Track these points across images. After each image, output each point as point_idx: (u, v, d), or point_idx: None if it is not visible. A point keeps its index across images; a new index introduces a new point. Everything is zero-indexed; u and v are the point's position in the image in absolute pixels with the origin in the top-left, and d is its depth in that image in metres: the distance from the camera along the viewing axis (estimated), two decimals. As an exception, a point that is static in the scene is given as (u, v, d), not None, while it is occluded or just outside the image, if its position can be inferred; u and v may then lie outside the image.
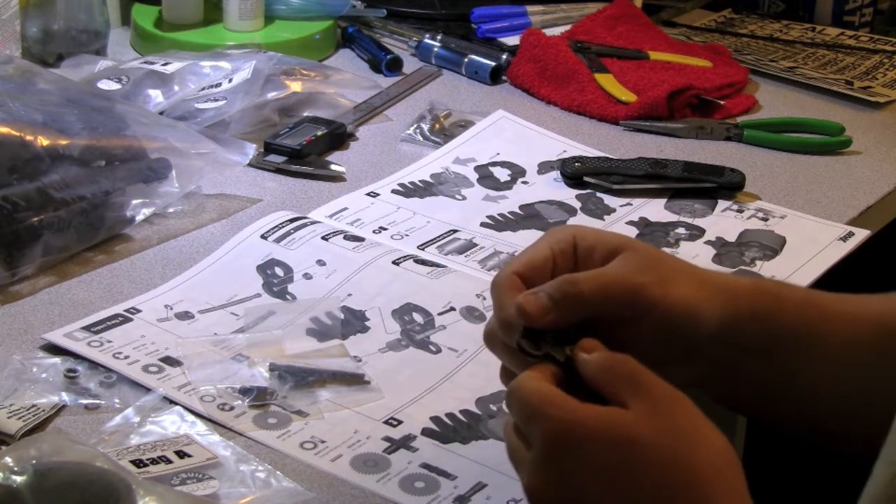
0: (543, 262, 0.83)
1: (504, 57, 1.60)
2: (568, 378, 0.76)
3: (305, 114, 1.43)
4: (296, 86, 1.45)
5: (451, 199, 1.30)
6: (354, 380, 1.01)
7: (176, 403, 0.97)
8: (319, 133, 1.38)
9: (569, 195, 1.32)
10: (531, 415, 0.74)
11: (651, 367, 0.75)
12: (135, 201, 1.20)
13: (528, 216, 1.28)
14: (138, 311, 1.08)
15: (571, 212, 1.29)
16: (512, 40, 1.64)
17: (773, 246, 1.23)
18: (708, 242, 1.24)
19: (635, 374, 0.74)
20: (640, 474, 0.71)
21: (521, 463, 0.75)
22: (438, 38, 1.64)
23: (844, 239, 1.25)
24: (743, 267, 1.19)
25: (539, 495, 0.73)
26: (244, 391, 0.98)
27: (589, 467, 0.71)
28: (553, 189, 1.33)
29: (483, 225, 1.25)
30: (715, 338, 0.82)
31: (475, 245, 1.21)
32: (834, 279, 1.21)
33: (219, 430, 0.95)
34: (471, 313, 1.08)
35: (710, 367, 0.83)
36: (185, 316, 1.08)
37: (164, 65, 1.43)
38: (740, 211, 1.29)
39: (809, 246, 1.23)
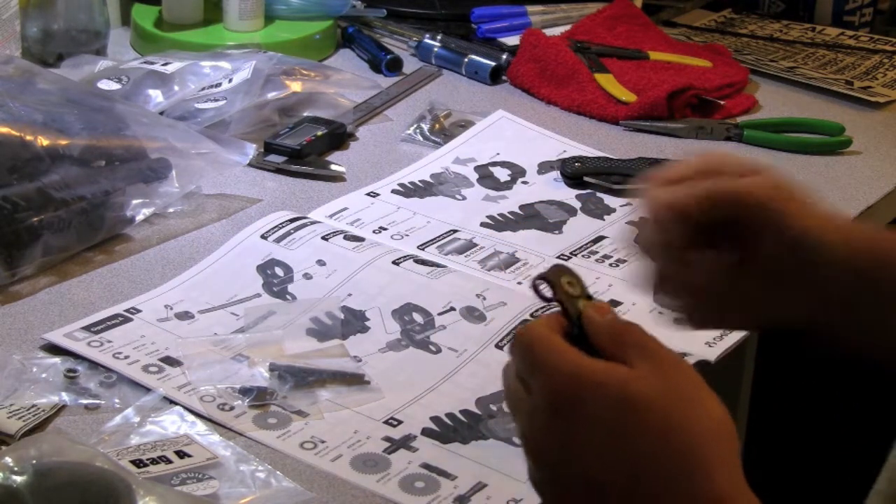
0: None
1: (504, 57, 1.60)
2: (575, 334, 0.76)
3: (305, 114, 1.43)
4: (296, 86, 1.45)
5: (451, 199, 1.30)
6: (354, 380, 1.01)
7: (176, 403, 0.97)
8: (319, 133, 1.38)
9: (569, 195, 1.32)
10: (536, 362, 0.73)
11: (763, 290, 0.84)
12: (135, 201, 1.20)
13: (528, 216, 1.28)
14: (138, 311, 1.08)
15: (571, 212, 1.29)
16: (512, 40, 1.64)
17: (773, 246, 1.23)
18: (708, 242, 1.24)
19: (642, 338, 0.74)
20: (636, 433, 0.71)
21: (520, 408, 0.75)
22: (438, 38, 1.64)
23: (844, 239, 1.25)
24: (743, 267, 1.19)
25: (535, 443, 0.74)
26: (244, 391, 0.98)
27: (588, 420, 0.71)
28: (553, 189, 1.33)
29: (483, 225, 1.25)
30: (837, 267, 0.86)
31: (475, 245, 1.21)
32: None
33: (219, 430, 0.95)
34: (471, 313, 1.08)
35: (823, 299, 0.87)
36: (185, 316, 1.08)
37: (164, 65, 1.43)
38: (740, 211, 1.29)
39: (809, 246, 1.23)
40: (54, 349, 1.02)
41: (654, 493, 0.70)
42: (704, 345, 1.07)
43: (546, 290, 0.77)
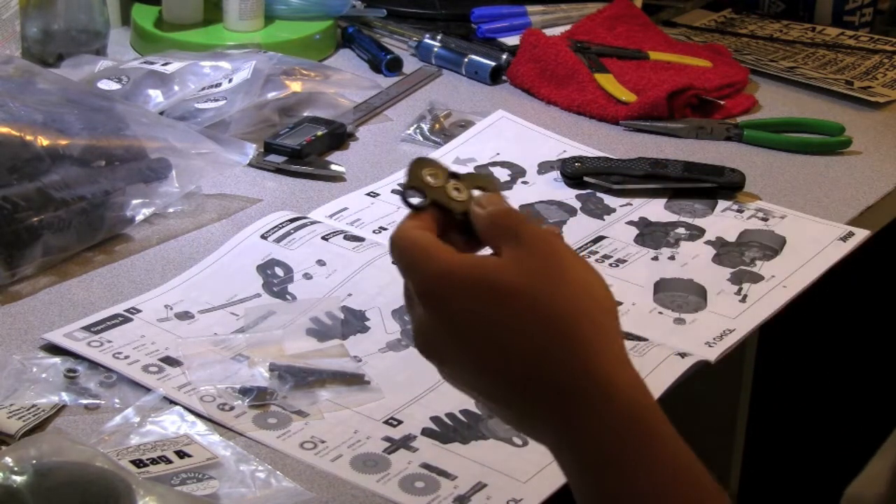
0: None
1: (504, 57, 1.60)
2: (460, 220, 0.78)
3: (305, 114, 1.43)
4: (296, 86, 1.45)
5: (451, 199, 1.30)
6: (354, 380, 1.01)
7: (176, 403, 0.97)
8: (319, 133, 1.38)
9: (569, 195, 1.32)
10: (409, 266, 0.75)
11: None
12: (135, 201, 1.20)
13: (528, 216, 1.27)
14: (138, 311, 1.08)
15: (571, 212, 1.29)
16: (512, 40, 1.64)
17: (773, 246, 1.23)
18: (708, 242, 1.24)
19: (515, 224, 0.76)
20: (507, 319, 0.73)
21: (410, 311, 0.77)
22: (438, 38, 1.64)
23: (844, 239, 1.25)
24: (743, 267, 1.19)
25: (421, 340, 0.76)
26: (244, 391, 0.98)
27: (461, 315, 0.74)
28: (553, 189, 1.33)
29: (483, 225, 1.25)
30: None
31: (475, 245, 1.21)
32: (834, 279, 1.21)
33: (219, 430, 0.95)
34: (471, 313, 1.08)
35: None
36: (185, 316, 1.08)
37: (164, 65, 1.43)
38: (740, 211, 1.29)
39: (809, 246, 1.23)
40: (54, 349, 1.02)
41: (534, 376, 0.72)
42: (704, 345, 1.07)
43: (415, 198, 0.77)
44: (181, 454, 0.91)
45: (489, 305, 0.73)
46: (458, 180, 0.78)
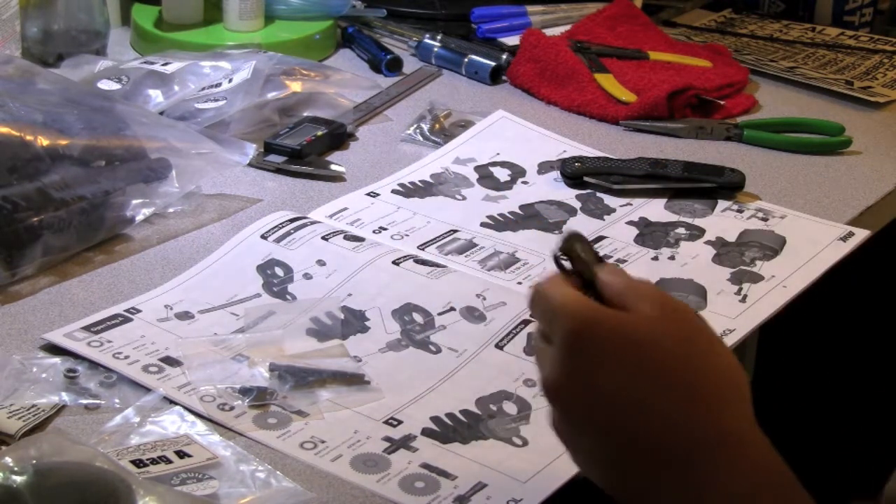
0: None
1: (504, 57, 1.60)
2: (592, 295, 0.80)
3: (305, 114, 1.43)
4: (296, 86, 1.45)
5: (451, 199, 1.30)
6: (354, 380, 1.01)
7: (176, 403, 0.97)
8: (319, 133, 1.38)
9: (569, 195, 1.32)
10: (555, 312, 0.77)
11: None
12: (135, 201, 1.20)
13: (528, 216, 1.28)
14: (138, 311, 1.08)
15: (571, 212, 1.29)
16: (512, 40, 1.64)
17: (773, 246, 1.23)
18: (708, 242, 1.24)
19: (653, 292, 0.78)
20: (654, 373, 0.75)
21: (543, 359, 0.78)
22: (438, 38, 1.64)
23: (844, 239, 1.25)
24: (743, 267, 1.19)
25: (556, 387, 0.77)
26: (244, 391, 0.98)
27: (607, 362, 0.75)
28: (553, 189, 1.33)
29: (483, 225, 1.25)
30: None
31: (475, 245, 1.21)
32: (834, 279, 1.21)
33: (219, 430, 0.95)
34: (471, 313, 1.08)
35: None
36: (185, 316, 1.08)
37: (164, 65, 1.43)
38: (740, 211, 1.29)
39: (809, 246, 1.23)
40: (54, 349, 1.02)
41: (661, 425, 0.74)
42: (704, 345, 1.07)
43: (566, 263, 0.82)
44: (181, 454, 0.91)
45: (633, 354, 0.75)
46: (601, 262, 0.82)
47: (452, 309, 1.09)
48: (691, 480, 0.74)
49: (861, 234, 1.26)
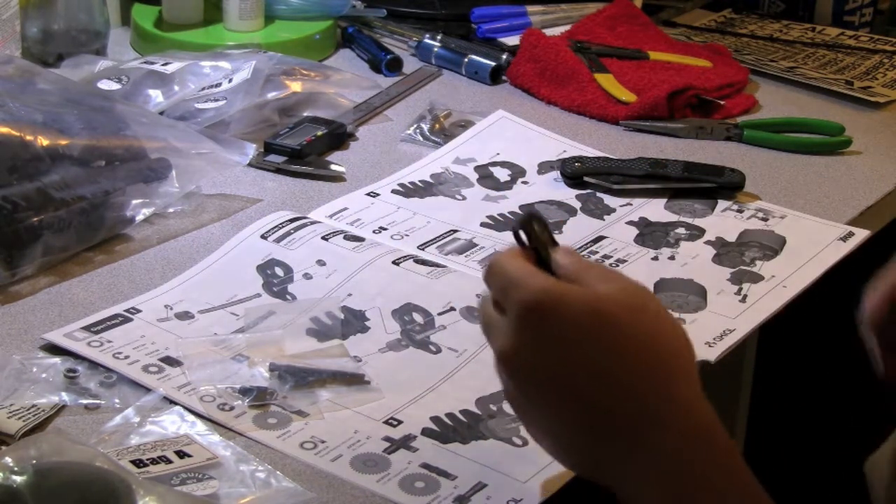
0: None
1: (504, 57, 1.60)
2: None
3: (305, 114, 1.43)
4: (296, 86, 1.45)
5: (451, 199, 1.30)
6: (354, 380, 1.01)
7: (176, 403, 0.97)
8: (319, 133, 1.38)
9: (569, 195, 1.32)
10: (510, 284, 0.79)
11: None
12: (135, 201, 1.20)
13: (528, 216, 1.27)
14: (138, 311, 1.08)
15: (571, 212, 1.29)
16: (512, 40, 1.64)
17: (773, 246, 1.23)
18: (708, 242, 1.24)
19: (604, 271, 0.81)
20: (605, 344, 0.77)
21: (495, 330, 0.80)
22: (438, 38, 1.64)
23: (844, 239, 1.25)
24: (743, 267, 1.19)
25: (511, 358, 0.79)
26: (244, 391, 0.98)
27: (561, 333, 0.77)
28: (553, 189, 1.33)
29: (483, 225, 1.25)
30: None
31: (475, 245, 1.21)
32: (834, 279, 1.21)
33: (219, 430, 0.95)
34: (471, 313, 1.08)
35: None
36: (185, 316, 1.08)
37: (164, 65, 1.43)
38: (740, 211, 1.29)
39: (809, 246, 1.23)
40: (54, 349, 1.02)
41: (622, 402, 0.77)
42: (704, 345, 1.07)
43: (524, 238, 0.83)
44: (181, 454, 0.91)
45: (590, 328, 0.77)
46: (555, 245, 0.84)
47: (452, 309, 1.09)
48: (642, 446, 0.76)
49: (861, 234, 1.26)
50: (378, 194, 1.30)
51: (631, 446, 0.77)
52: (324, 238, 1.17)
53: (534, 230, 0.83)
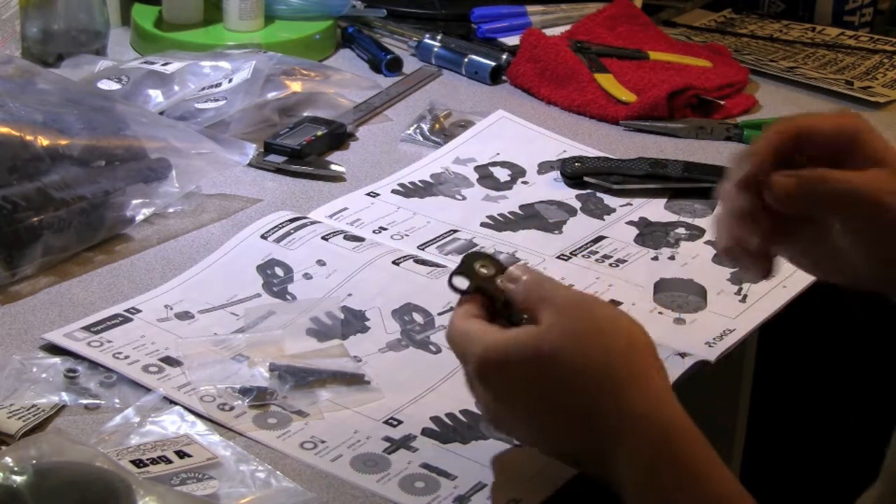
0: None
1: (504, 57, 1.60)
2: (501, 305, 0.89)
3: (305, 114, 1.43)
4: (296, 86, 1.45)
5: (451, 199, 1.30)
6: (354, 380, 1.01)
7: (176, 403, 0.97)
8: (319, 133, 1.38)
9: (569, 195, 1.32)
10: (460, 351, 0.87)
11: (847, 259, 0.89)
12: (135, 201, 1.20)
13: (528, 216, 1.28)
14: (138, 311, 1.08)
15: (571, 212, 1.29)
16: (512, 40, 1.64)
17: (773, 246, 1.23)
18: (708, 242, 1.24)
19: (546, 290, 0.85)
20: (550, 380, 0.82)
21: (469, 385, 0.88)
22: (438, 38, 1.64)
23: (844, 239, 1.25)
24: (743, 267, 1.19)
25: (488, 418, 0.89)
26: (244, 391, 0.98)
27: (512, 385, 0.83)
28: (553, 189, 1.33)
29: (483, 225, 1.25)
30: None
31: (475, 245, 1.21)
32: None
33: (219, 430, 0.95)
34: (471, 313, 1.08)
35: None
36: (185, 316, 1.08)
37: (164, 65, 1.43)
38: (740, 211, 1.29)
39: (809, 246, 1.23)
40: (54, 349, 1.02)
41: (582, 427, 0.82)
42: (704, 345, 1.07)
43: (461, 283, 0.90)
44: (181, 454, 0.91)
45: (534, 372, 0.82)
46: (503, 272, 0.89)
47: (452, 309, 1.09)
48: (610, 460, 0.81)
49: (861, 234, 1.26)
50: (378, 194, 1.30)
51: (598, 463, 0.82)
52: (324, 238, 1.17)
53: (473, 270, 0.89)
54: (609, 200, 1.31)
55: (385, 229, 1.23)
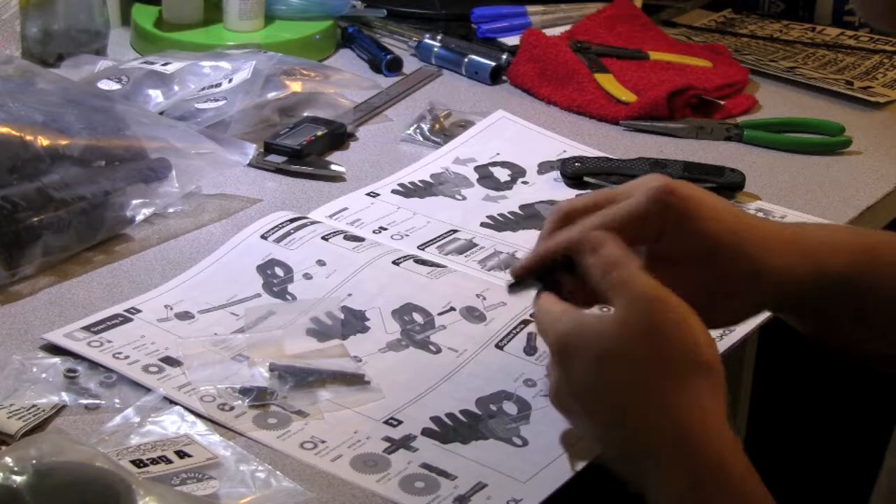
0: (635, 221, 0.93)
1: (504, 57, 1.60)
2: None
3: (305, 114, 1.43)
4: (296, 86, 1.45)
5: (451, 199, 1.30)
6: (354, 380, 1.01)
7: (176, 403, 0.97)
8: (319, 133, 1.38)
9: (569, 195, 1.32)
10: (543, 332, 0.89)
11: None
12: (135, 201, 1.20)
13: (528, 216, 1.28)
14: (138, 311, 1.08)
15: (571, 212, 1.29)
16: (512, 40, 1.64)
17: (773, 246, 1.23)
18: (708, 242, 1.23)
19: (625, 277, 0.85)
20: (612, 378, 0.83)
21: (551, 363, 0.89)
22: (438, 38, 1.64)
23: (844, 239, 1.25)
24: (743, 267, 1.19)
25: (553, 395, 0.87)
26: (244, 391, 0.98)
27: (584, 366, 0.84)
28: (553, 189, 1.33)
29: (483, 225, 1.25)
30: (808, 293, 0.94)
31: (475, 245, 1.21)
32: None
33: (219, 430, 0.95)
34: (471, 313, 1.08)
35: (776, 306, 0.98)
36: (185, 316, 1.08)
37: (164, 65, 1.43)
38: (740, 211, 1.29)
39: (809, 246, 1.23)
40: (54, 349, 1.02)
41: (631, 424, 0.83)
42: (704, 345, 1.07)
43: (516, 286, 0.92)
44: (181, 454, 0.91)
45: (600, 365, 0.83)
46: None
47: (452, 309, 1.09)
48: (660, 477, 0.82)
49: (861, 234, 1.26)
50: (378, 194, 1.30)
51: (634, 474, 0.83)
52: (324, 238, 1.17)
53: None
54: (609, 200, 1.31)
55: (385, 229, 1.23)
